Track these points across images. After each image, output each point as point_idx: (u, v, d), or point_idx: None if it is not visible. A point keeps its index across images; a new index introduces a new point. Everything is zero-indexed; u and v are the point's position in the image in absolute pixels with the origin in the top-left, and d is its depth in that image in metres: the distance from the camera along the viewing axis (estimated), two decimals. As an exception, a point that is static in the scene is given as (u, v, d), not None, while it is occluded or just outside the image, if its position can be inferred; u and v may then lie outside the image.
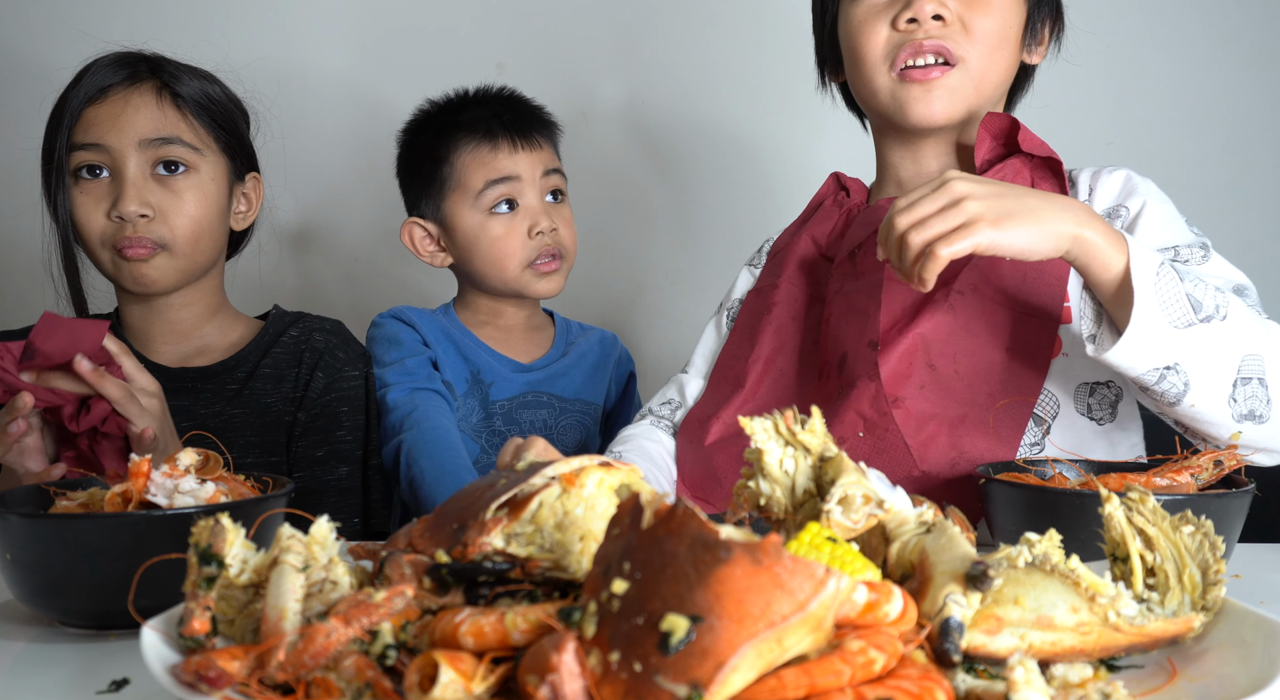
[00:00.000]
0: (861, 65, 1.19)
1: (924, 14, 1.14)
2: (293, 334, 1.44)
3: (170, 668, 0.58)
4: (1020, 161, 1.19)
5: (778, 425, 0.71)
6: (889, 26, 1.16)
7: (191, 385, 1.37)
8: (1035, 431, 1.12)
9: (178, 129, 1.33)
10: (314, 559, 0.63)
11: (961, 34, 1.15)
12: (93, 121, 1.30)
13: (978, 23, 1.15)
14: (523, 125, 1.53)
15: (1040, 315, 1.12)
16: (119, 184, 1.29)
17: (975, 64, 1.16)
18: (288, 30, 2.02)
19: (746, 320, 1.31)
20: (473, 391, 1.52)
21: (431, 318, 1.56)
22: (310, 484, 1.39)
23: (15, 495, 0.87)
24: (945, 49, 1.15)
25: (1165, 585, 0.67)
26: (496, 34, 2.05)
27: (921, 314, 1.13)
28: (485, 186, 1.50)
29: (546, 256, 1.51)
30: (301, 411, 1.39)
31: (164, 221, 1.31)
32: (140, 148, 1.30)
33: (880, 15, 1.17)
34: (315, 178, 2.02)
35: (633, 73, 2.08)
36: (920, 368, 1.11)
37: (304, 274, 2.07)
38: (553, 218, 1.52)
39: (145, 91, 1.32)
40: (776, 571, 0.49)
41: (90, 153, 1.29)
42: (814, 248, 1.27)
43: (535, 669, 0.51)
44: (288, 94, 1.98)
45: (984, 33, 1.16)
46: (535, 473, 0.67)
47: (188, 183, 1.33)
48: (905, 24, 1.15)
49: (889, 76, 1.17)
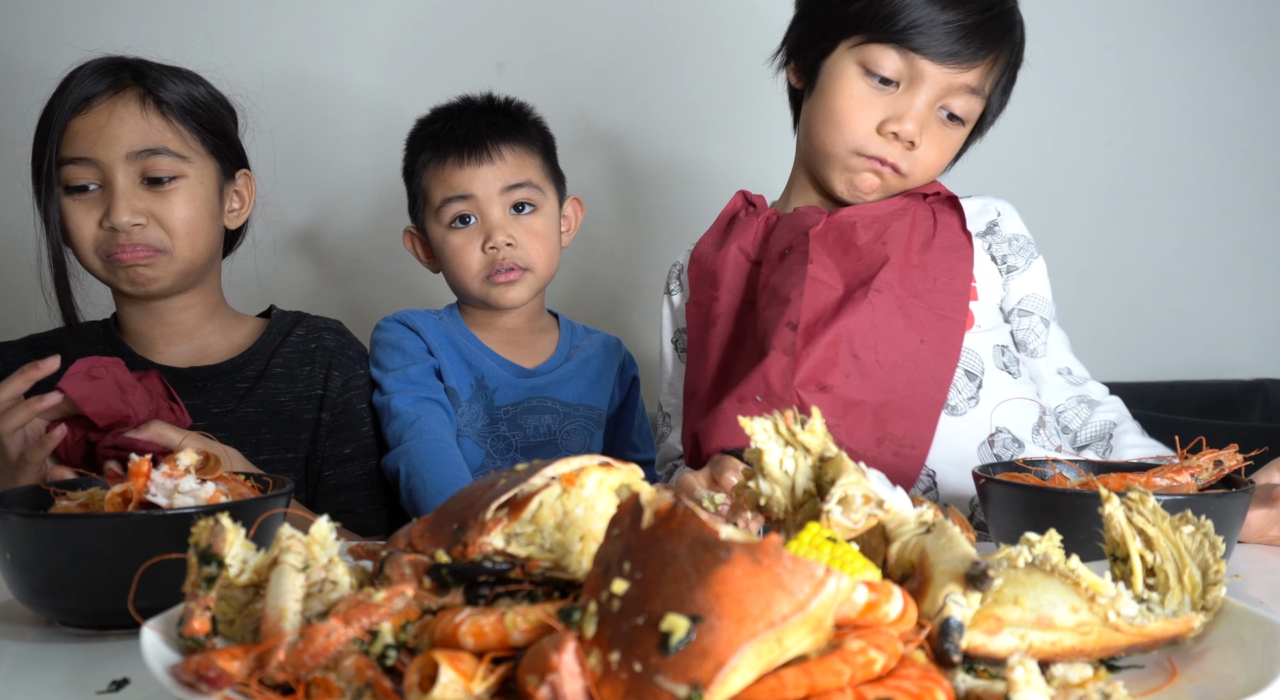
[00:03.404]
0: (834, 133, 1.32)
1: (906, 135, 1.29)
2: (299, 333, 1.47)
3: (170, 668, 0.58)
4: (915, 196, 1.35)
5: (777, 425, 0.71)
6: (874, 126, 1.29)
7: (201, 384, 1.38)
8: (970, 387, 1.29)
9: (163, 138, 1.32)
10: (314, 559, 0.63)
11: (914, 159, 1.31)
12: (79, 134, 1.30)
13: (928, 157, 1.32)
14: (480, 140, 1.50)
15: (948, 311, 1.28)
16: (109, 195, 1.29)
17: (913, 178, 1.34)
18: (287, 30, 2.02)
19: (696, 335, 1.39)
20: (477, 397, 1.53)
21: (436, 323, 1.55)
22: (342, 480, 1.43)
23: (15, 495, 0.87)
24: (898, 167, 1.32)
25: (1165, 585, 0.67)
26: (496, 34, 2.05)
27: (844, 309, 1.25)
28: (441, 203, 1.51)
29: (504, 269, 1.51)
30: (325, 412, 1.43)
31: (158, 226, 1.31)
32: (128, 159, 1.30)
33: (874, 107, 1.29)
34: (313, 177, 2.02)
35: (633, 72, 2.08)
36: (845, 357, 1.23)
37: (302, 274, 2.07)
38: (514, 232, 1.51)
39: (129, 100, 1.32)
40: (776, 571, 0.49)
41: (79, 166, 1.29)
42: (743, 256, 1.37)
43: (535, 669, 0.51)
44: (288, 94, 1.98)
45: (927, 165, 1.33)
46: (535, 473, 0.67)
47: (177, 188, 1.33)
48: (887, 131, 1.29)
49: (852, 158, 1.32)
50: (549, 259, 1.55)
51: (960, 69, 1.28)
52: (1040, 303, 1.38)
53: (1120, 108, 2.11)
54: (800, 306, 1.24)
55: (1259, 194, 2.15)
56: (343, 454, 1.43)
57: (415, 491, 1.38)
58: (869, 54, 1.28)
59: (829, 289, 1.26)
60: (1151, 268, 2.12)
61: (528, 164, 1.53)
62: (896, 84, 1.29)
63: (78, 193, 1.30)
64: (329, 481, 1.42)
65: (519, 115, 1.57)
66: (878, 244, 1.28)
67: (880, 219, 1.31)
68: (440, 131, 1.52)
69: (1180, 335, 2.16)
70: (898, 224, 1.30)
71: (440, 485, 1.36)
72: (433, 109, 1.58)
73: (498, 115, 1.55)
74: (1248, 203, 2.15)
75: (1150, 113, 2.13)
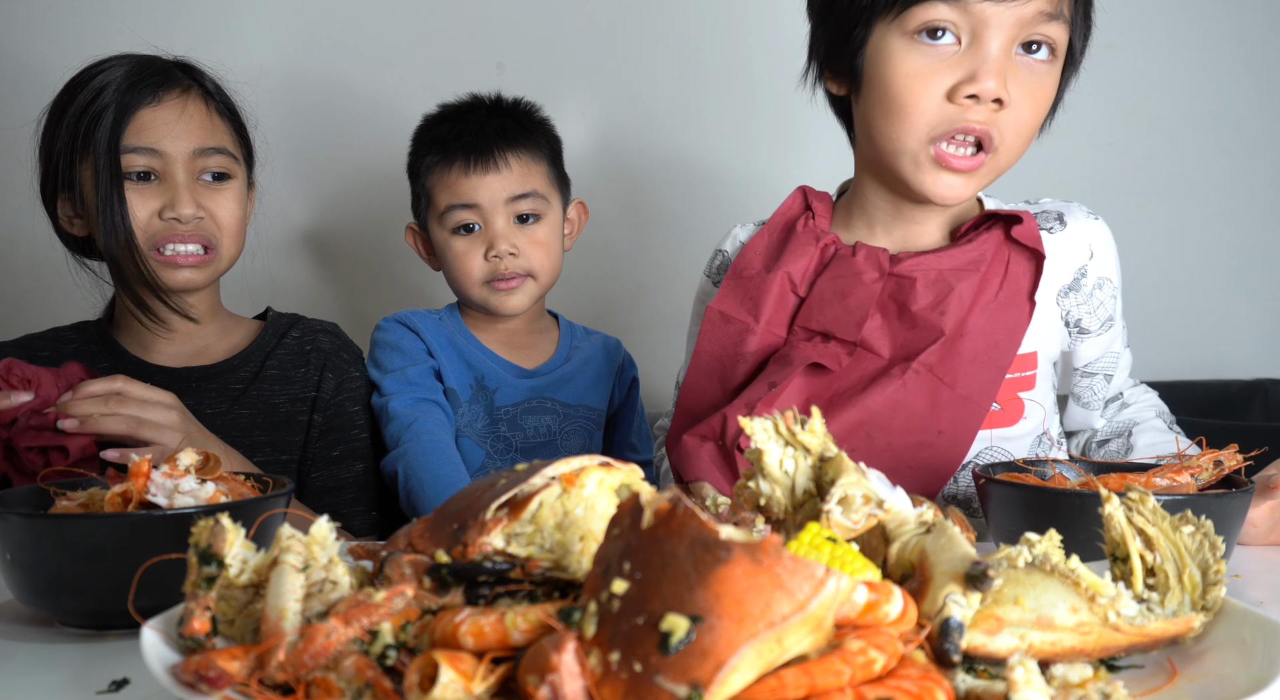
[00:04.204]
0: (899, 121, 1.11)
1: (987, 94, 1.08)
2: (295, 335, 1.47)
3: (170, 668, 0.58)
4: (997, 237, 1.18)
5: (777, 425, 0.71)
6: (944, 97, 1.09)
7: (195, 385, 1.38)
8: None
9: (224, 139, 1.37)
10: (314, 559, 0.63)
11: (1009, 119, 1.11)
12: (148, 125, 1.32)
13: (1024, 111, 1.11)
14: (487, 148, 1.49)
15: (977, 394, 1.14)
16: (171, 187, 1.32)
17: (1004, 155, 1.13)
18: (287, 30, 2.02)
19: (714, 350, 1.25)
20: (477, 398, 1.53)
21: (436, 323, 1.56)
22: (329, 482, 1.43)
23: (15, 495, 0.87)
24: (989, 136, 1.11)
25: (1165, 585, 0.67)
26: (496, 34, 2.05)
27: (875, 385, 1.14)
28: (446, 209, 1.51)
29: (505, 276, 1.51)
30: (317, 413, 1.44)
31: (213, 220, 1.35)
32: (194, 155, 1.34)
33: (938, 75, 1.09)
34: (314, 177, 2.02)
35: (633, 71, 2.08)
36: (859, 436, 1.14)
37: (301, 276, 2.07)
38: (517, 241, 1.51)
39: (198, 99, 1.36)
40: (776, 571, 0.49)
41: (143, 156, 1.31)
42: (790, 288, 1.21)
43: (535, 669, 0.51)
44: (288, 94, 1.98)
45: (1025, 122, 1.12)
46: (535, 473, 0.67)
47: (228, 186, 1.37)
48: (964, 98, 1.08)
49: (924, 146, 1.12)
50: (551, 266, 1.55)
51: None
52: (1107, 361, 1.26)
53: (1120, 108, 2.11)
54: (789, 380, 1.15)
55: (1259, 194, 2.15)
56: (330, 456, 1.44)
57: (413, 493, 1.38)
58: (913, 17, 1.08)
59: (874, 359, 1.15)
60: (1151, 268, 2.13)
61: (534, 172, 1.53)
62: (957, 41, 1.09)
63: (136, 182, 1.32)
64: (315, 483, 1.42)
65: (527, 120, 1.56)
66: (935, 314, 1.14)
67: (945, 277, 1.15)
68: (448, 135, 1.52)
69: (1180, 335, 2.16)
70: (964, 285, 1.14)
71: (438, 487, 1.36)
72: (441, 106, 1.58)
73: (506, 120, 1.54)
74: (1248, 203, 2.15)
75: (1150, 113, 2.13)
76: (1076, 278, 1.22)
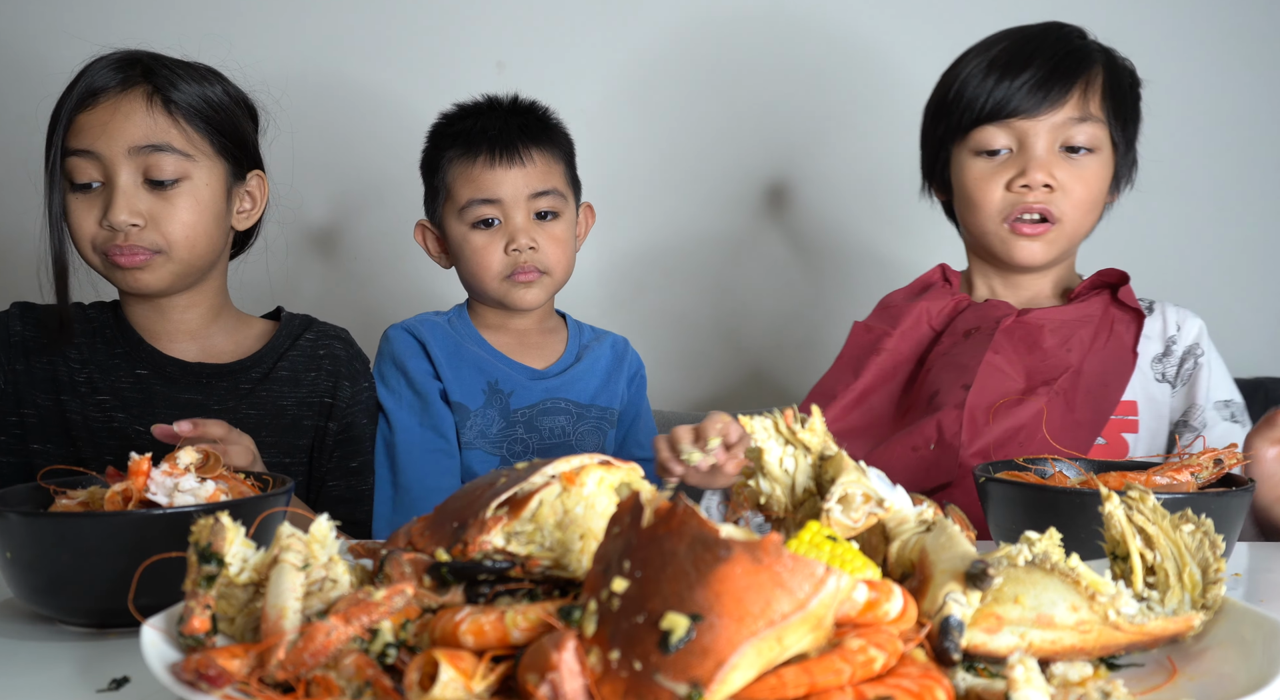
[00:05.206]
0: (976, 213, 1.43)
1: (1036, 183, 1.38)
2: (308, 338, 1.46)
3: (170, 666, 0.58)
4: (1104, 299, 1.43)
5: (778, 424, 0.71)
6: (1003, 188, 1.40)
7: (206, 381, 1.37)
8: None
9: (168, 136, 1.31)
10: (314, 557, 0.63)
11: (1062, 198, 1.39)
12: (84, 127, 1.29)
13: (1075, 191, 1.40)
14: (512, 142, 1.50)
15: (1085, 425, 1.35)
16: (110, 192, 1.29)
17: (1070, 223, 1.41)
18: (290, 30, 2.02)
19: (854, 352, 1.49)
20: (491, 402, 1.52)
21: (445, 331, 1.55)
22: (347, 494, 1.43)
23: (15, 494, 0.87)
24: (1048, 211, 1.39)
25: (1165, 584, 0.67)
26: (496, 34, 2.05)
27: (1027, 401, 1.33)
28: (467, 203, 1.50)
29: (524, 270, 1.51)
30: (332, 421, 1.43)
31: (156, 228, 1.30)
32: (130, 155, 1.29)
33: (997, 175, 1.40)
34: (319, 177, 2.02)
35: (633, 71, 2.08)
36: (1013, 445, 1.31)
37: (310, 275, 2.06)
38: (536, 236, 1.51)
39: (135, 97, 1.31)
40: (776, 570, 0.49)
41: (82, 159, 1.29)
42: (926, 320, 1.48)
43: (535, 667, 0.51)
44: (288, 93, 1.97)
45: (1079, 199, 1.40)
46: (535, 471, 0.67)
47: (180, 190, 1.32)
48: (1018, 187, 1.39)
49: (1000, 226, 1.42)
50: (566, 264, 1.56)
51: (1053, 110, 1.38)
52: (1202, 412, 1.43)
53: (1120, 107, 2.10)
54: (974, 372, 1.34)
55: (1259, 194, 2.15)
56: (349, 467, 1.44)
57: None
58: (974, 140, 1.42)
59: (1008, 378, 1.35)
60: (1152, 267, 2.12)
61: (554, 170, 1.54)
62: (1010, 150, 1.40)
63: (81, 190, 1.30)
64: (333, 492, 1.42)
65: (546, 120, 1.57)
66: (1063, 350, 1.37)
67: (1067, 325, 1.40)
68: (472, 129, 1.51)
69: (1180, 335, 2.15)
70: (1084, 331, 1.39)
71: None
72: (457, 105, 1.58)
73: (527, 117, 1.55)
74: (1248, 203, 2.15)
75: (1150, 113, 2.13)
76: (1167, 346, 1.46)
